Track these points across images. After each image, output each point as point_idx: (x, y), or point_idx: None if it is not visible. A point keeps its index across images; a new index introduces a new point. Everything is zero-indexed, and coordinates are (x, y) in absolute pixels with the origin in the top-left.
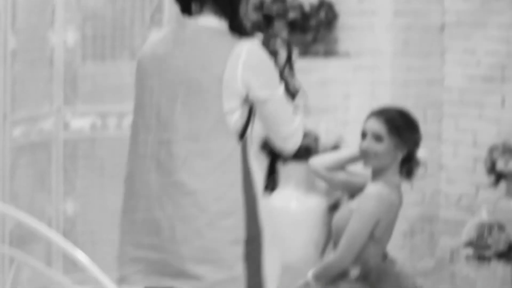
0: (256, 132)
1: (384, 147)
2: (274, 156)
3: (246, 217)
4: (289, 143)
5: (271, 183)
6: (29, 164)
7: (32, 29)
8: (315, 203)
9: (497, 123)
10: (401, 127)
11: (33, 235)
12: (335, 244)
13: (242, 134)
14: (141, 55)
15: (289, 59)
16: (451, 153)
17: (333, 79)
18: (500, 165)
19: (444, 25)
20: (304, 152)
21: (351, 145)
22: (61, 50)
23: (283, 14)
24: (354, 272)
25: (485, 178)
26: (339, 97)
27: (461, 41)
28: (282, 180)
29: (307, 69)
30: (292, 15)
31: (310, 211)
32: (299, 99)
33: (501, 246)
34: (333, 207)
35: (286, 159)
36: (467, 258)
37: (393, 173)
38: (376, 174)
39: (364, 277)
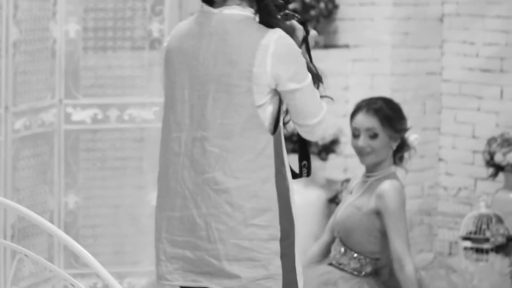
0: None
1: (380, 141)
2: (303, 141)
3: (280, 213)
4: (318, 131)
5: (307, 168)
6: (30, 157)
7: (34, 21)
8: (315, 196)
9: (495, 115)
10: (392, 117)
11: (35, 229)
12: (343, 243)
13: (275, 127)
14: (168, 48)
15: (305, 39)
16: (449, 145)
17: (332, 70)
18: (499, 157)
19: (443, 16)
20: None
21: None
22: (62, 41)
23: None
24: (367, 268)
25: (483, 171)
26: (339, 89)
27: (460, 32)
28: None
29: None
30: (292, 5)
31: (310, 204)
32: (319, 83)
33: (500, 238)
34: (333, 200)
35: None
36: (466, 250)
37: (389, 164)
38: (373, 168)
39: (376, 273)
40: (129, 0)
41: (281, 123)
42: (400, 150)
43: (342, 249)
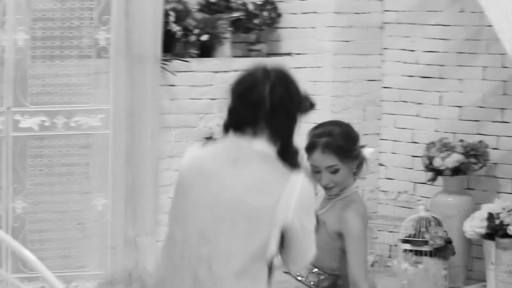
0: None
1: (342, 174)
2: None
3: None
4: (297, 266)
5: None
6: None
7: None
8: None
9: (435, 121)
10: (348, 149)
11: None
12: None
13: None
14: (185, 167)
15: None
16: (389, 150)
17: None
18: (437, 162)
19: (384, 24)
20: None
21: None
22: (11, 50)
23: (227, 13)
24: (324, 283)
25: (422, 175)
26: None
27: (400, 40)
28: None
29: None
30: (236, 14)
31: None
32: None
33: (438, 241)
34: None
35: None
36: (405, 253)
37: (352, 182)
38: (341, 191)
39: None
40: (77, 9)
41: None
42: (359, 166)
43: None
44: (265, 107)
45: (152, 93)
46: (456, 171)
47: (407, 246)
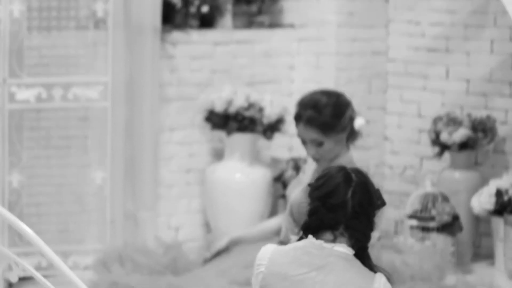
0: None
1: (328, 146)
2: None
3: None
4: None
5: None
6: None
7: None
8: (260, 175)
9: (441, 94)
10: (334, 123)
11: None
12: (297, 223)
13: None
14: (268, 272)
15: None
16: (395, 124)
17: (277, 50)
18: (444, 136)
19: None
20: (249, 124)
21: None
22: (7, 21)
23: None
24: None
25: (429, 150)
26: (284, 69)
27: (406, 12)
28: (226, 152)
29: (251, 41)
30: None
31: (255, 182)
32: None
33: (445, 217)
34: (278, 179)
35: (230, 131)
36: (411, 229)
37: (345, 152)
38: (332, 161)
39: None
40: None
41: None
42: (352, 134)
43: (296, 230)
44: (347, 211)
45: (151, 65)
46: (464, 146)
47: (414, 222)
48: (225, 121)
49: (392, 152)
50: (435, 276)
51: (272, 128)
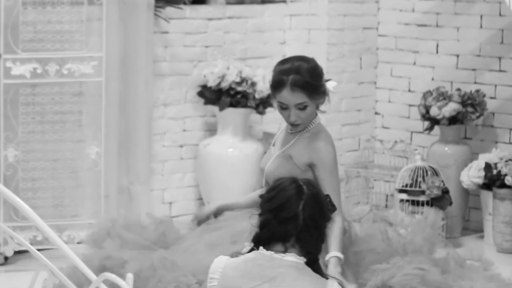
0: None
1: (310, 110)
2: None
3: None
4: None
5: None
6: None
7: None
8: (253, 149)
9: (431, 69)
10: (316, 85)
11: None
12: None
13: None
14: (223, 280)
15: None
16: (386, 99)
17: (270, 25)
18: (434, 111)
19: None
20: (241, 99)
21: None
22: None
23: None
24: None
25: (419, 124)
26: (276, 44)
27: None
28: (219, 127)
29: (244, 16)
30: None
31: (248, 157)
32: None
33: (435, 191)
34: None
35: (223, 105)
36: (402, 203)
37: (317, 117)
38: (306, 127)
39: None
40: None
41: None
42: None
43: None
44: (298, 224)
45: (145, 40)
46: (453, 120)
47: (404, 196)
48: (218, 96)
49: (383, 127)
50: (426, 249)
51: (264, 103)
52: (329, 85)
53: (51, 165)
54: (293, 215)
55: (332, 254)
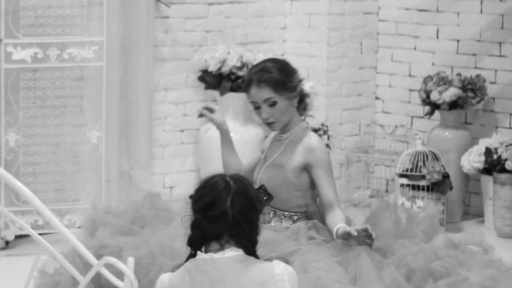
0: None
1: (280, 106)
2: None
3: None
4: None
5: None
6: None
7: None
8: (253, 134)
9: (432, 54)
10: (282, 81)
11: None
12: (269, 206)
13: None
14: None
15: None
16: (386, 84)
17: (270, 10)
18: (435, 96)
19: None
20: (242, 84)
21: None
22: None
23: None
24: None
25: (419, 109)
26: (277, 28)
27: None
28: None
29: (244, 1)
30: None
31: (248, 141)
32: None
33: (435, 175)
34: None
35: (224, 90)
36: (402, 187)
37: (298, 119)
38: (284, 130)
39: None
40: None
41: None
42: (302, 101)
43: (271, 212)
44: (228, 221)
45: (146, 25)
46: (454, 105)
47: (404, 181)
48: (219, 80)
49: (383, 112)
50: (423, 241)
51: None
52: (306, 86)
53: (52, 150)
54: (221, 212)
55: (340, 225)
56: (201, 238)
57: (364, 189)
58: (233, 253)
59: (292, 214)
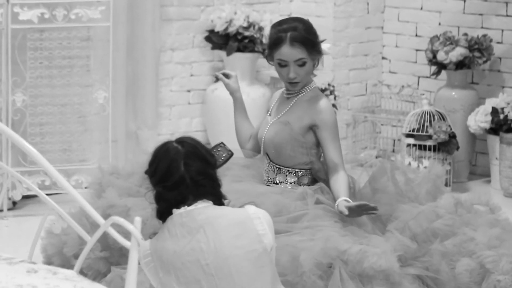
0: None
1: (308, 67)
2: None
3: None
4: None
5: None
6: None
7: None
8: (260, 94)
9: (438, 14)
10: (314, 42)
11: None
12: (274, 162)
13: None
14: (159, 263)
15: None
16: (393, 44)
17: None
18: (441, 56)
19: None
20: (249, 43)
21: None
22: None
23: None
24: (305, 180)
25: (426, 69)
26: None
27: None
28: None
29: None
30: None
31: (255, 101)
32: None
33: (442, 135)
34: None
35: (230, 50)
36: (409, 147)
37: (311, 81)
38: (302, 89)
39: (314, 181)
40: None
41: None
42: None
43: (276, 169)
44: (188, 184)
45: None
46: (460, 65)
47: (411, 141)
48: (225, 41)
49: (390, 72)
50: (427, 202)
51: None
52: (324, 46)
53: (59, 110)
54: (179, 179)
55: (341, 199)
56: (168, 207)
57: (371, 149)
58: (205, 203)
59: (297, 170)
